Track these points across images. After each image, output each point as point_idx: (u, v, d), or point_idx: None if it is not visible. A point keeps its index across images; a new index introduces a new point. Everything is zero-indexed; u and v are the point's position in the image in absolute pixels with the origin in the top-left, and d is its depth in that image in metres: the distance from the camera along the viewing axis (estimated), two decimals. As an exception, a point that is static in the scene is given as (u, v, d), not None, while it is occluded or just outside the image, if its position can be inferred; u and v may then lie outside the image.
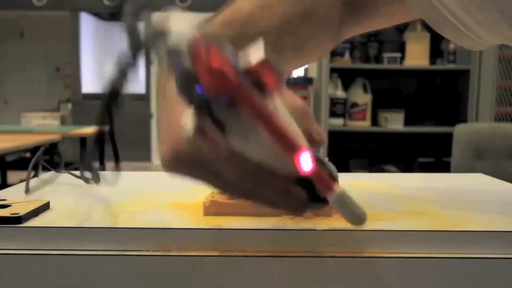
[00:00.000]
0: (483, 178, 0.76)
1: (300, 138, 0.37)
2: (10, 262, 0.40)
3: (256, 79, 0.34)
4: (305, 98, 3.06)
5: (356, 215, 0.39)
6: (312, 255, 0.40)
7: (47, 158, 4.19)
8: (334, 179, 0.38)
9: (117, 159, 0.51)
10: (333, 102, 3.09)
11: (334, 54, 3.06)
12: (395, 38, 3.17)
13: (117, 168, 0.51)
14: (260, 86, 0.34)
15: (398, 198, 0.58)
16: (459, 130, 2.52)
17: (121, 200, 0.54)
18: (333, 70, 3.08)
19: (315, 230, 0.42)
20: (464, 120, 3.13)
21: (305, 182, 0.37)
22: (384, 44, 3.17)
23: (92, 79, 7.69)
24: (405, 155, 3.33)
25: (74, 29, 6.97)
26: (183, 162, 0.40)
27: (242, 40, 0.46)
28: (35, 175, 0.68)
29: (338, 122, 3.12)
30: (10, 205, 0.46)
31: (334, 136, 3.03)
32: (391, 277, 0.40)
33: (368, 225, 0.44)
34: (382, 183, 0.69)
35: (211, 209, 0.48)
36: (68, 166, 0.77)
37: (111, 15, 7.71)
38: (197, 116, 0.34)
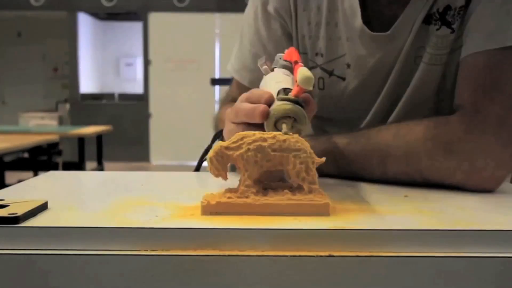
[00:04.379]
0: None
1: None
2: (7, 262, 0.40)
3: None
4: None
5: None
6: (312, 255, 0.40)
7: (45, 158, 4.19)
8: None
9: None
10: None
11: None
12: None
13: None
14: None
15: (396, 197, 0.58)
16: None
17: (119, 200, 0.54)
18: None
19: (315, 230, 0.42)
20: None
21: None
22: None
23: (90, 80, 7.69)
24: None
25: (72, 29, 6.97)
26: None
27: None
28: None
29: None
30: (8, 205, 0.46)
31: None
32: (391, 276, 0.40)
33: (367, 225, 0.44)
34: (382, 182, 0.69)
35: (208, 209, 0.48)
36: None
37: (109, 15, 7.71)
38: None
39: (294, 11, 0.86)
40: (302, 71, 0.54)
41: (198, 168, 0.82)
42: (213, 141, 0.80)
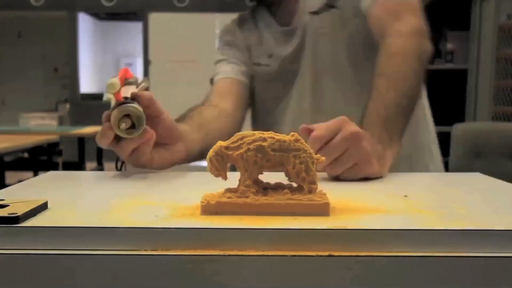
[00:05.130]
0: (481, 178, 0.76)
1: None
2: (7, 262, 0.40)
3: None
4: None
5: None
6: (312, 255, 0.40)
7: (45, 158, 4.19)
8: None
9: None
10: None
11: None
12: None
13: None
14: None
15: (396, 197, 0.58)
16: (457, 130, 2.52)
17: (119, 200, 0.54)
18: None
19: (315, 230, 0.42)
20: (462, 120, 3.14)
21: None
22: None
23: (90, 80, 7.69)
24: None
25: (72, 30, 6.96)
26: None
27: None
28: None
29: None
30: (8, 205, 0.46)
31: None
32: (391, 276, 0.40)
33: (367, 225, 0.44)
34: (382, 181, 0.69)
35: (208, 209, 0.48)
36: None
37: (109, 15, 7.71)
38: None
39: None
40: (107, 83, 0.72)
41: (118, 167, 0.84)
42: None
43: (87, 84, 7.41)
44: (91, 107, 6.95)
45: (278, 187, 0.51)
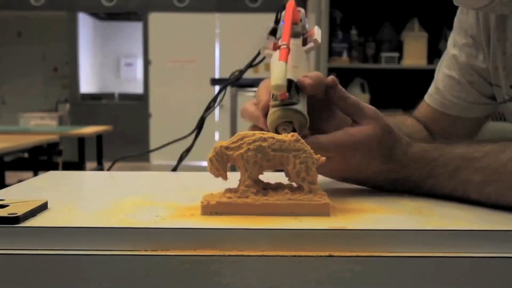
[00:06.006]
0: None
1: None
2: (7, 262, 0.40)
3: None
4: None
5: None
6: (312, 255, 0.40)
7: (45, 158, 4.19)
8: None
9: None
10: (331, 102, 3.09)
11: (332, 54, 3.07)
12: (393, 38, 3.17)
13: None
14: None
15: (396, 197, 0.58)
16: (457, 130, 2.52)
17: (119, 200, 0.54)
18: (331, 70, 3.08)
19: (315, 230, 0.42)
20: (462, 120, 3.13)
21: None
22: (382, 43, 3.17)
23: (90, 80, 7.69)
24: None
25: (72, 30, 6.97)
26: None
27: None
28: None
29: (336, 122, 3.11)
30: (8, 205, 0.46)
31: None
32: (390, 276, 0.40)
33: (367, 225, 0.44)
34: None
35: (208, 209, 0.48)
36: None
37: (109, 15, 7.71)
38: None
39: (487, 41, 0.84)
40: (272, 76, 0.54)
41: None
42: None
43: (87, 84, 7.42)
44: (91, 107, 6.96)
45: (278, 187, 0.51)
